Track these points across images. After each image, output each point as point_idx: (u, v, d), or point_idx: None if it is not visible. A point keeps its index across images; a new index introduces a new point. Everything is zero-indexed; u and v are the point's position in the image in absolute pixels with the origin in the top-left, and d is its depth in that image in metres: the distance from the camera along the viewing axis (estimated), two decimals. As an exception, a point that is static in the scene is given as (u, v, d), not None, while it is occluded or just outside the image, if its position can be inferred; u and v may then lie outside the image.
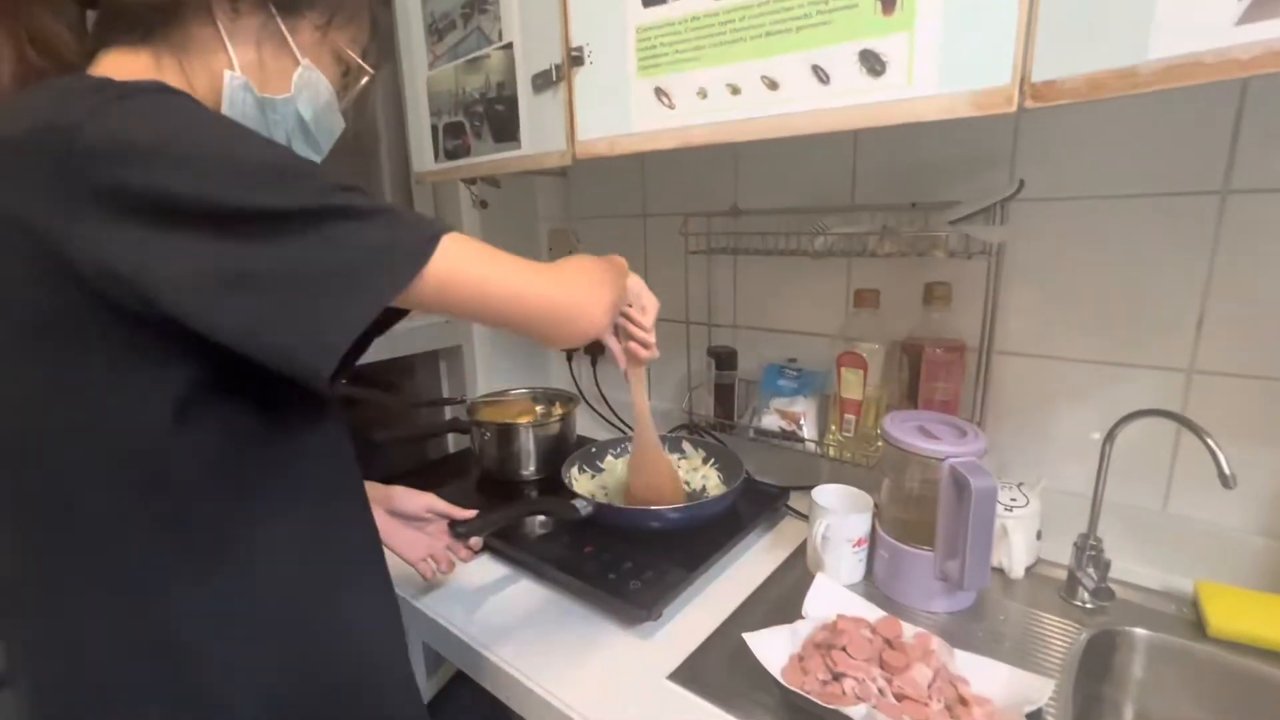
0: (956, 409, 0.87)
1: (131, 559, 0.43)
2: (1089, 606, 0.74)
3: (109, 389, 0.41)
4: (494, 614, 0.78)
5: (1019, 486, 0.82)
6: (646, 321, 0.75)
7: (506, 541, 0.87)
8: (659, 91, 0.70)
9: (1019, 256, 0.84)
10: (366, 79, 0.59)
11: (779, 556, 0.87)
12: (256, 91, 0.51)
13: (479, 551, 0.87)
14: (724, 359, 1.10)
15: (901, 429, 0.76)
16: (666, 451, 0.95)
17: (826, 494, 0.84)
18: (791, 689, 0.60)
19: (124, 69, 0.47)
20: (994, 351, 0.86)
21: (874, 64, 0.57)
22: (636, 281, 0.73)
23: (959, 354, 0.87)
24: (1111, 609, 0.73)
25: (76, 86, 0.41)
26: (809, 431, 0.99)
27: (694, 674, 0.66)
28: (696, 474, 1.01)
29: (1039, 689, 0.58)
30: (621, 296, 0.63)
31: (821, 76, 0.59)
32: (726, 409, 1.11)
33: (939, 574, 0.73)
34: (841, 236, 0.90)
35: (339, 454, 0.54)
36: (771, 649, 0.65)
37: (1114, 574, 0.75)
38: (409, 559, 0.76)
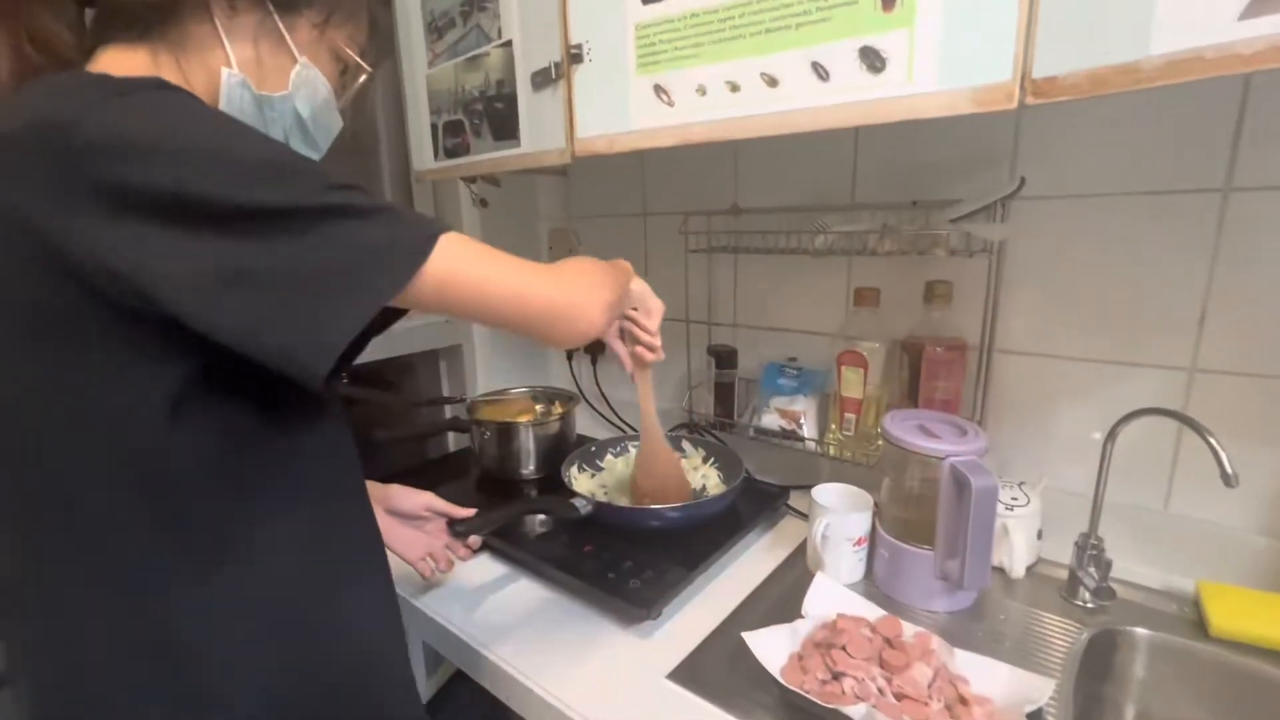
0: (957, 408, 0.87)
1: (131, 558, 0.43)
2: (1090, 606, 0.73)
3: (106, 387, 0.41)
4: (493, 613, 0.78)
5: (1020, 486, 0.82)
6: (652, 326, 0.76)
7: (506, 540, 0.87)
8: (658, 89, 0.70)
9: (1020, 255, 0.84)
10: (364, 77, 0.59)
11: (779, 556, 0.87)
12: (254, 89, 0.51)
13: (478, 550, 0.86)
14: (724, 358, 1.10)
15: (902, 428, 0.76)
16: (673, 450, 0.95)
17: (826, 493, 0.83)
18: (791, 688, 0.60)
19: (122, 66, 0.46)
20: (995, 350, 0.86)
21: (874, 61, 0.56)
22: (641, 286, 0.74)
23: (960, 353, 0.86)
24: (1112, 608, 0.73)
25: (75, 83, 0.41)
26: (809, 430, 0.99)
27: (693, 673, 0.66)
28: (696, 473, 1.01)
29: (1039, 689, 0.57)
30: (621, 298, 0.62)
31: (821, 73, 0.59)
32: (726, 408, 1.11)
33: (939, 573, 0.73)
34: (842, 235, 0.90)
35: (340, 453, 0.54)
36: (771, 648, 0.64)
37: (1115, 573, 0.74)
38: (408, 558, 0.76)
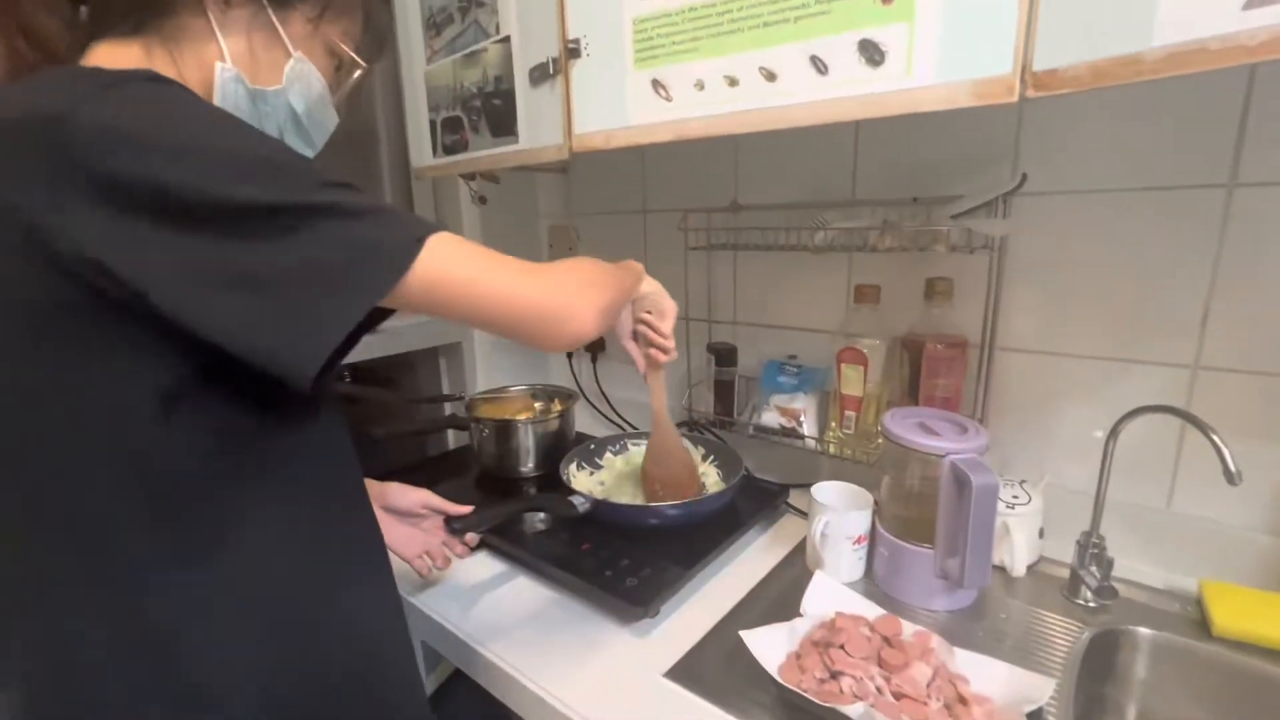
0: (958, 405, 0.87)
1: (129, 557, 0.42)
2: (1091, 605, 0.73)
3: (101, 383, 0.40)
4: (490, 611, 0.78)
5: (1021, 484, 0.81)
6: (665, 327, 0.76)
7: (504, 538, 0.87)
8: (656, 83, 0.69)
9: (1021, 251, 0.83)
10: (359, 73, 0.59)
11: (778, 554, 0.86)
12: (248, 83, 0.51)
13: (475, 548, 0.86)
14: (724, 355, 1.09)
15: (902, 425, 0.75)
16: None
17: (826, 491, 0.83)
18: (789, 687, 0.59)
19: (115, 60, 0.46)
20: (996, 347, 0.85)
21: (873, 54, 0.56)
22: (654, 286, 0.73)
23: (960, 350, 0.86)
24: (1114, 608, 0.72)
25: (67, 76, 0.41)
26: (809, 428, 0.99)
27: (691, 672, 0.66)
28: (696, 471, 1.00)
29: (1039, 688, 0.57)
30: (622, 301, 0.61)
31: (820, 67, 0.59)
32: (726, 406, 1.10)
33: (939, 572, 0.72)
34: (842, 231, 0.89)
35: (338, 451, 0.54)
36: (769, 647, 0.64)
37: (1117, 572, 0.74)
38: (405, 556, 0.75)
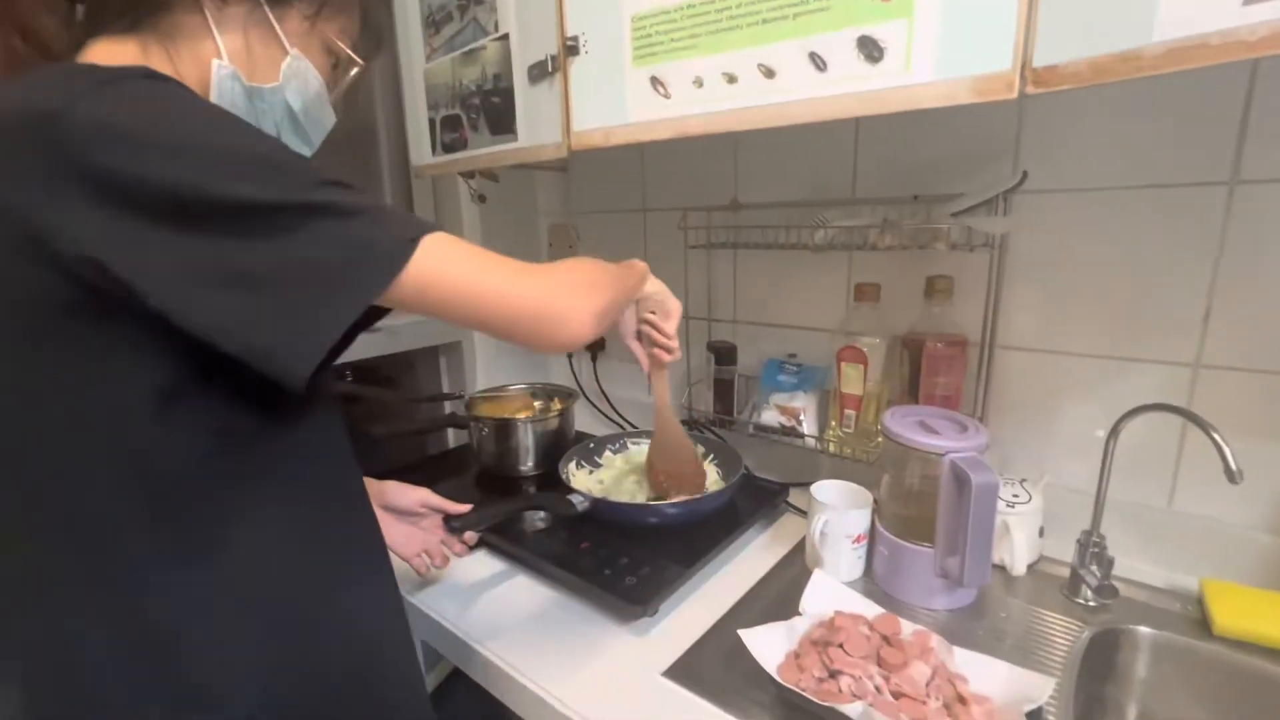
0: (958, 404, 0.86)
1: (127, 556, 0.42)
2: (1092, 604, 0.72)
3: (97, 380, 0.40)
4: (489, 610, 0.77)
5: (1021, 483, 0.81)
6: (669, 328, 0.75)
7: (503, 537, 0.87)
8: (655, 81, 0.69)
9: (1022, 249, 0.83)
10: (356, 71, 0.59)
11: (778, 553, 0.86)
12: (244, 80, 0.51)
13: (474, 547, 0.86)
14: (723, 354, 1.09)
15: (901, 424, 0.75)
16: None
17: (825, 490, 0.83)
18: (787, 686, 0.59)
19: (112, 58, 0.46)
20: (996, 346, 0.85)
21: (872, 50, 0.55)
22: (658, 286, 0.73)
23: (960, 348, 0.85)
24: (1115, 607, 0.72)
25: (63, 72, 0.41)
26: (809, 427, 0.98)
27: (689, 671, 0.65)
28: (696, 470, 1.00)
29: (1039, 687, 0.57)
30: (622, 302, 0.60)
31: (819, 64, 0.58)
32: (726, 405, 1.10)
33: (939, 571, 0.72)
34: (842, 230, 0.89)
35: (337, 451, 0.54)
36: (768, 646, 0.64)
37: (1118, 571, 0.74)
38: (403, 554, 0.75)
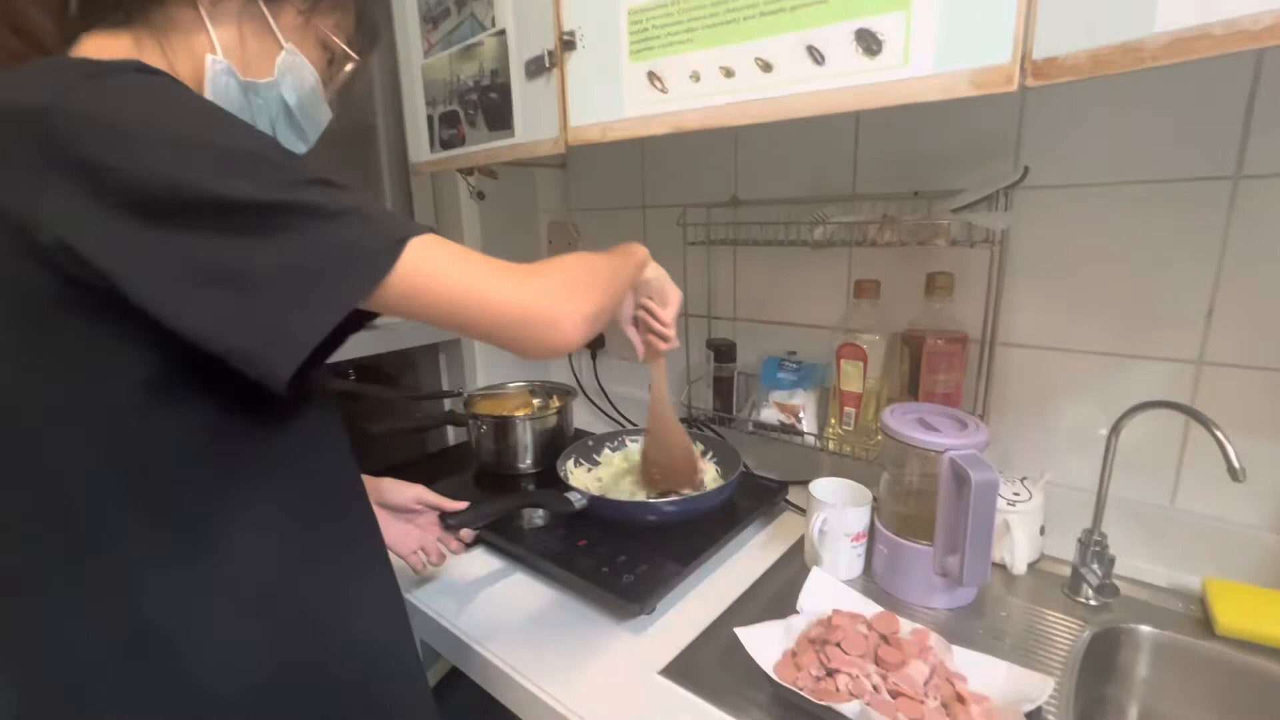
0: (959, 401, 0.86)
1: (118, 553, 0.42)
2: (1093, 603, 0.72)
3: (79, 372, 0.40)
4: (486, 608, 0.77)
5: (1022, 481, 0.80)
6: (666, 316, 0.74)
7: (501, 535, 0.87)
8: (651, 75, 0.68)
9: (1023, 246, 0.82)
10: (351, 66, 0.58)
11: (776, 551, 0.86)
12: (239, 75, 0.50)
13: (471, 544, 0.86)
14: (723, 352, 1.09)
15: (901, 421, 0.74)
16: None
17: (824, 487, 0.82)
18: (784, 685, 0.58)
19: (104, 52, 0.46)
20: (997, 342, 0.84)
21: (870, 43, 0.55)
22: (659, 273, 0.71)
23: (961, 345, 0.85)
24: (1116, 606, 0.71)
25: (52, 66, 0.41)
26: (808, 425, 0.98)
27: (686, 669, 0.65)
28: (695, 467, 1.00)
29: (1039, 687, 0.56)
30: (615, 301, 0.59)
31: (816, 57, 0.58)
32: (725, 402, 1.10)
33: (938, 569, 0.71)
34: (842, 226, 0.88)
35: (333, 448, 0.53)
36: (765, 644, 0.63)
37: (1119, 570, 0.73)
38: (399, 552, 0.75)
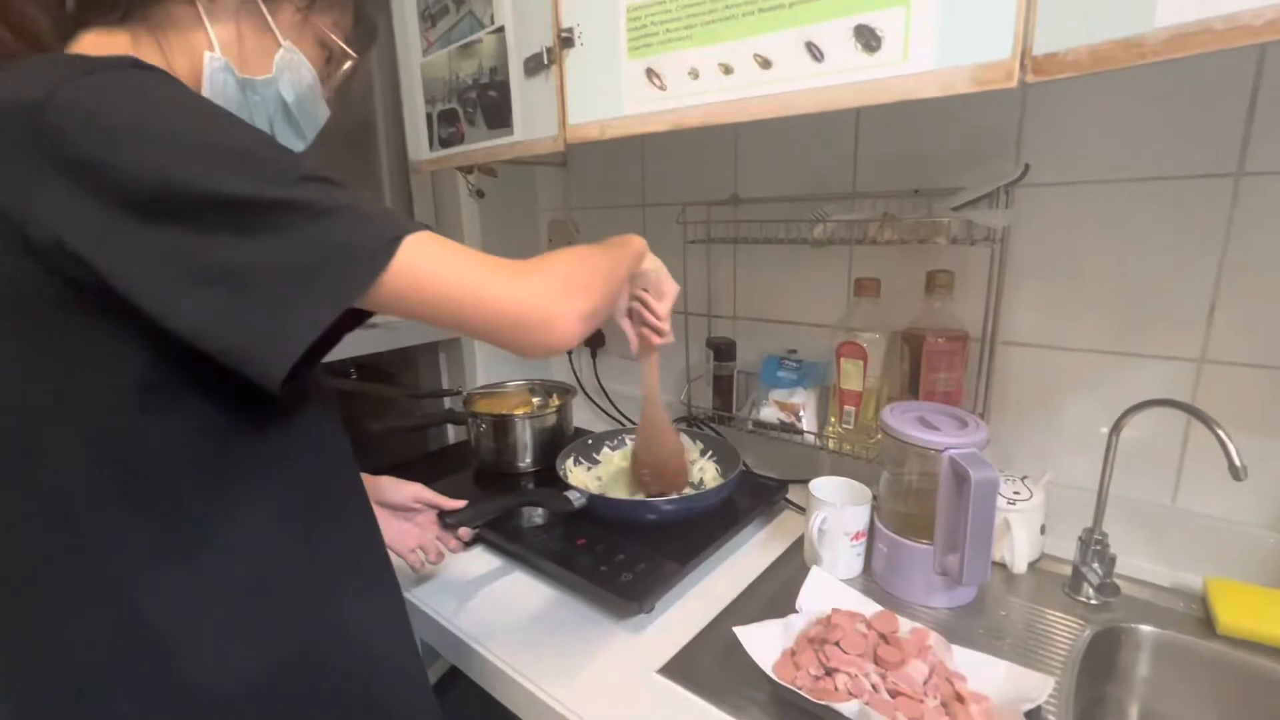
0: (959, 400, 0.85)
1: (114, 552, 0.42)
2: (1093, 603, 0.72)
3: (72, 369, 0.40)
4: (485, 606, 0.77)
5: (1023, 480, 0.80)
6: (661, 309, 0.72)
7: (500, 533, 0.86)
8: (650, 72, 0.68)
9: (1024, 244, 0.82)
10: (349, 64, 0.58)
11: (776, 550, 0.86)
12: (237, 73, 0.50)
13: (470, 543, 0.86)
14: (723, 350, 1.08)
15: (900, 420, 0.74)
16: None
17: (824, 486, 0.82)
18: (783, 684, 0.58)
19: (102, 49, 0.46)
20: (998, 341, 0.84)
21: (869, 39, 0.55)
22: (656, 265, 0.70)
23: (961, 344, 0.84)
24: (1117, 605, 0.71)
25: (46, 63, 0.41)
26: (809, 423, 0.98)
27: (684, 668, 0.65)
28: (694, 467, 0.99)
29: (1038, 686, 0.56)
30: (612, 298, 0.58)
31: (815, 54, 0.58)
32: (725, 401, 1.09)
33: (938, 568, 0.71)
34: (842, 224, 0.88)
35: (331, 447, 0.53)
36: (763, 643, 0.63)
37: (1120, 569, 0.73)
38: (398, 550, 0.75)
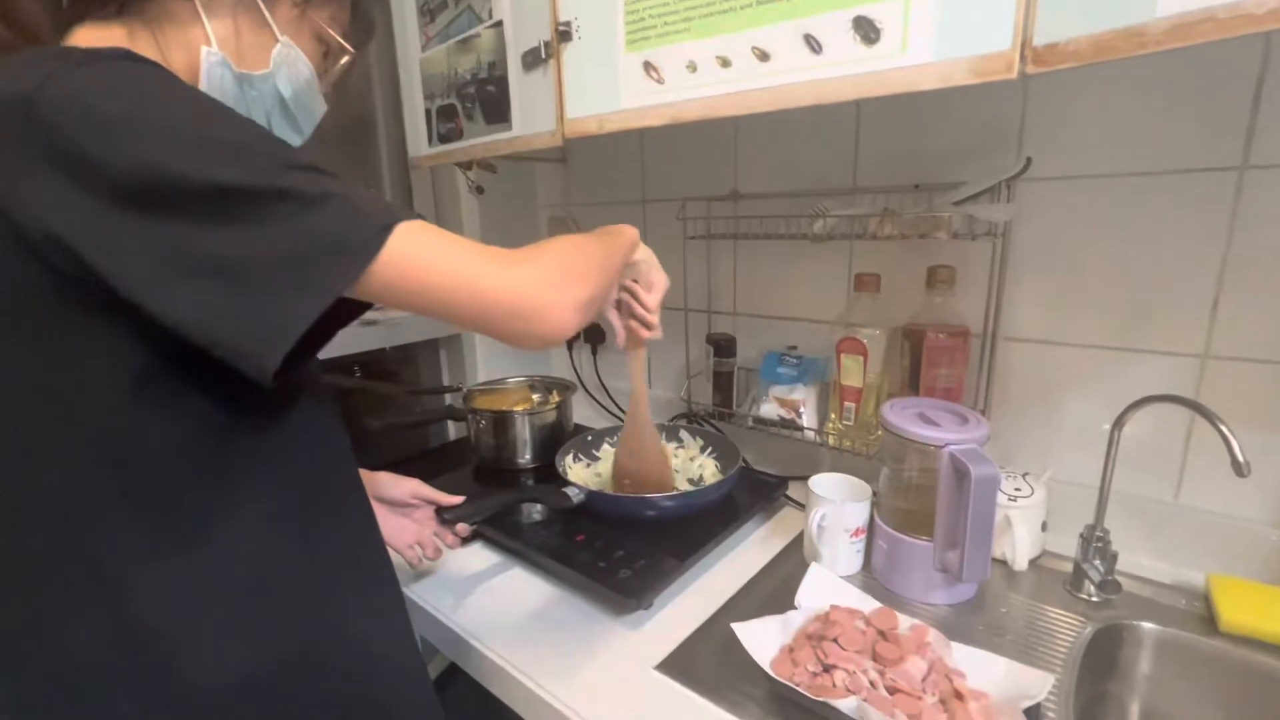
0: (960, 396, 0.85)
1: (110, 548, 0.42)
2: (1095, 600, 0.71)
3: (69, 365, 0.40)
4: (484, 602, 0.77)
5: (1024, 476, 0.79)
6: (651, 301, 0.71)
7: (498, 530, 0.86)
8: (648, 66, 0.68)
9: (1025, 238, 0.81)
10: (347, 59, 0.58)
11: (775, 546, 0.85)
12: (234, 68, 0.50)
13: (469, 539, 0.86)
14: (723, 346, 1.08)
15: (900, 416, 0.74)
16: (661, 437, 0.93)
17: (824, 482, 0.81)
18: (780, 680, 0.58)
19: (96, 42, 0.46)
20: (999, 336, 0.84)
21: (868, 31, 0.54)
22: (647, 256, 0.69)
23: (962, 339, 0.84)
24: (1118, 602, 0.70)
25: (38, 56, 0.41)
26: (809, 420, 0.97)
27: (683, 664, 0.65)
28: (694, 463, 0.99)
29: (1038, 684, 0.55)
30: (608, 287, 0.57)
31: (814, 46, 0.57)
32: (725, 397, 1.09)
33: (938, 565, 0.71)
34: (842, 219, 0.87)
35: (330, 443, 0.53)
36: (761, 639, 0.63)
37: (1122, 566, 0.72)
38: (395, 546, 0.75)
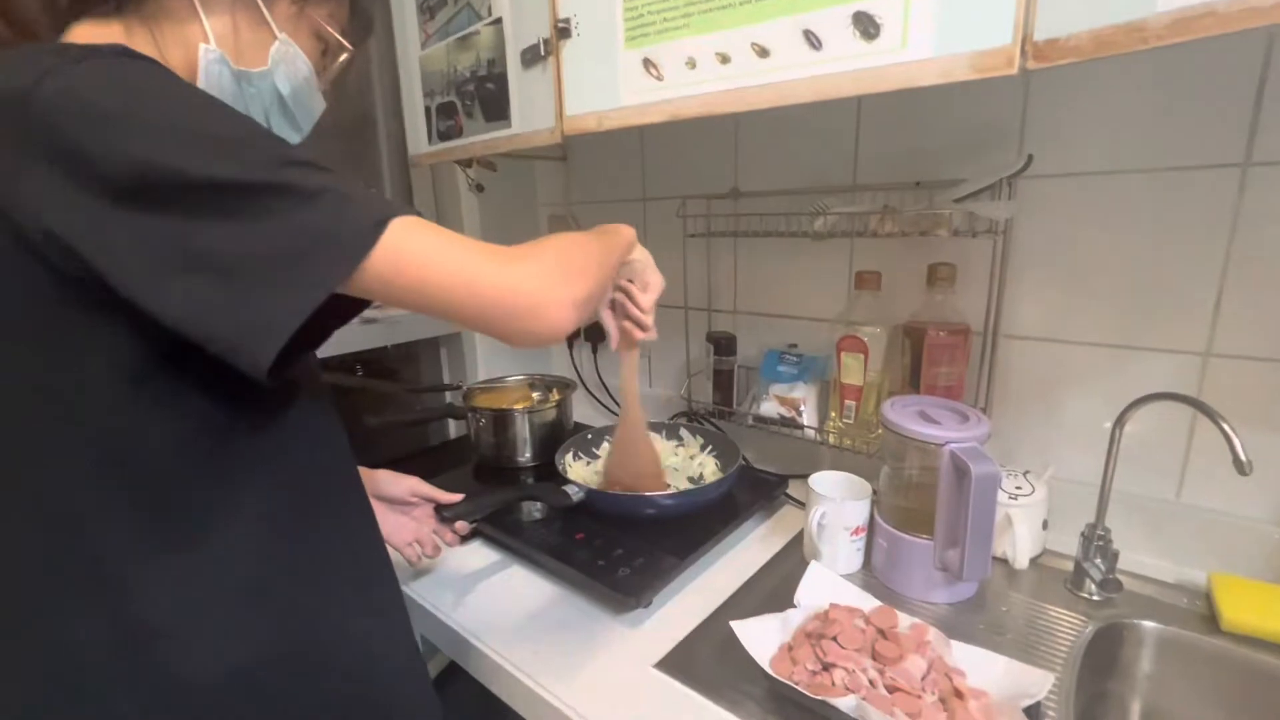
0: (961, 394, 0.85)
1: (112, 549, 0.42)
2: (1096, 598, 0.71)
3: (68, 365, 0.40)
4: (483, 600, 0.77)
5: (1025, 474, 0.79)
6: (645, 301, 0.70)
7: (498, 528, 0.86)
8: (647, 62, 0.67)
9: (1027, 236, 0.81)
10: (345, 56, 0.58)
11: (775, 545, 0.85)
12: (232, 65, 0.50)
13: (468, 537, 0.85)
14: (723, 345, 1.08)
15: (901, 414, 0.73)
16: (661, 436, 0.92)
17: (824, 481, 0.81)
18: (779, 679, 0.58)
19: (93, 39, 0.46)
20: (1000, 334, 0.83)
21: (868, 26, 0.54)
22: (642, 255, 0.69)
23: (963, 337, 0.83)
24: (1119, 601, 0.70)
25: (34, 52, 0.41)
26: (809, 418, 0.97)
27: (682, 663, 0.64)
28: (694, 461, 0.99)
29: (1038, 682, 0.55)
30: (605, 285, 0.57)
31: (813, 42, 0.57)
32: (725, 395, 1.09)
33: (938, 563, 0.70)
34: (843, 217, 0.87)
35: (328, 442, 0.53)
36: (760, 638, 0.63)
37: (1123, 565, 0.72)
38: (394, 544, 0.75)
